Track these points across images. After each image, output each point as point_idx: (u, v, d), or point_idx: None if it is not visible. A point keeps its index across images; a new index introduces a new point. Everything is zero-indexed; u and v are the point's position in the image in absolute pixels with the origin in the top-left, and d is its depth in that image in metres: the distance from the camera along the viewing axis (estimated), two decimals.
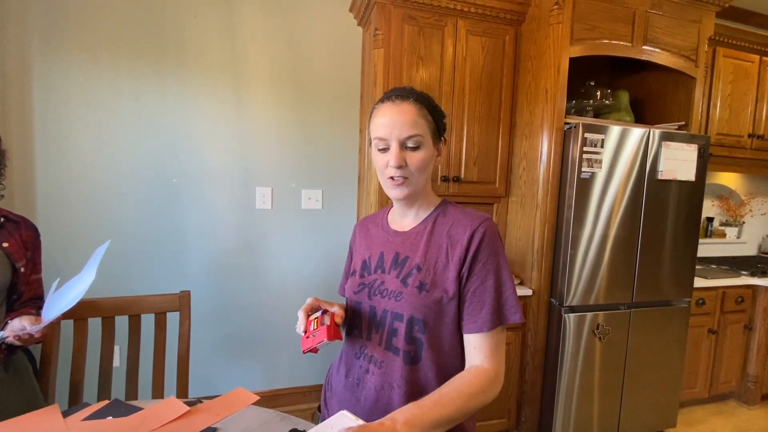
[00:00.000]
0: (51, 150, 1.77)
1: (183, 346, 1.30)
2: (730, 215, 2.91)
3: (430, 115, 0.80)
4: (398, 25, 1.78)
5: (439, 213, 0.86)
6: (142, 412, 0.88)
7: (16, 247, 1.10)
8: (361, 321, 0.85)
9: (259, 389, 2.13)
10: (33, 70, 1.72)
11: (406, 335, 0.78)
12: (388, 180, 0.80)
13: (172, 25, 1.87)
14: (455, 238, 0.80)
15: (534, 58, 1.87)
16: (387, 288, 0.82)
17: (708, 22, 1.94)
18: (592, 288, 1.80)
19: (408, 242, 0.85)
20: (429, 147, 0.80)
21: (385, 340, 0.81)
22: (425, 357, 0.78)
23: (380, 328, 0.82)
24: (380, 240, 0.90)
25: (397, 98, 0.79)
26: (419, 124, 0.78)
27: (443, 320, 0.78)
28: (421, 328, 0.78)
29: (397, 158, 0.77)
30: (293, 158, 2.09)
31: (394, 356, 0.79)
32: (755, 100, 2.42)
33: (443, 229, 0.82)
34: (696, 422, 2.22)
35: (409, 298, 0.78)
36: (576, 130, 1.72)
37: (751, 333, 2.35)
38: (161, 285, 1.93)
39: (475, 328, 0.76)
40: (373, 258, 0.88)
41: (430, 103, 0.82)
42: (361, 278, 0.88)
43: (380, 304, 0.83)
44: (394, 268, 0.83)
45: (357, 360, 0.85)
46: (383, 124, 0.78)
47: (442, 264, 0.79)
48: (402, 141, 0.77)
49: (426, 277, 0.79)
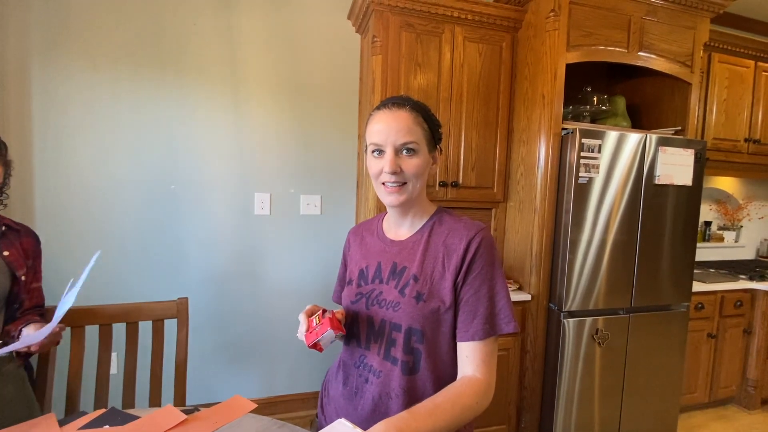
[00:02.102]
0: (50, 157, 1.77)
1: (181, 354, 1.30)
2: (728, 219, 2.92)
3: (426, 123, 0.81)
4: (396, 32, 1.79)
5: (435, 222, 0.86)
6: (139, 421, 0.87)
7: (17, 255, 1.10)
8: (360, 330, 0.85)
9: (258, 396, 2.12)
10: (32, 77, 1.73)
11: (404, 345, 0.78)
12: (381, 186, 0.81)
13: (171, 33, 1.88)
14: (451, 248, 0.80)
15: (531, 64, 1.88)
16: (385, 298, 0.83)
17: (703, 28, 1.96)
18: (591, 293, 1.80)
19: (405, 252, 0.85)
20: (424, 154, 0.80)
21: (383, 350, 0.81)
22: (423, 367, 0.78)
23: (379, 338, 0.82)
24: (377, 249, 0.90)
25: (394, 105, 0.80)
26: (415, 132, 0.78)
27: (440, 330, 0.78)
28: (419, 338, 0.78)
29: (392, 164, 0.77)
30: (292, 164, 2.10)
31: (392, 366, 0.79)
32: (751, 105, 2.44)
33: (439, 239, 0.82)
34: (696, 427, 2.21)
35: (407, 309, 0.78)
36: (573, 135, 1.73)
37: (750, 337, 2.35)
38: (159, 292, 1.93)
39: (467, 336, 0.76)
40: (371, 268, 0.88)
41: (426, 112, 0.82)
42: (358, 288, 0.88)
43: (378, 314, 0.83)
44: (392, 278, 0.83)
45: (356, 369, 0.85)
46: (379, 131, 0.78)
47: (439, 274, 0.79)
48: (397, 147, 0.78)
49: (423, 288, 0.79)
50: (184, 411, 0.91)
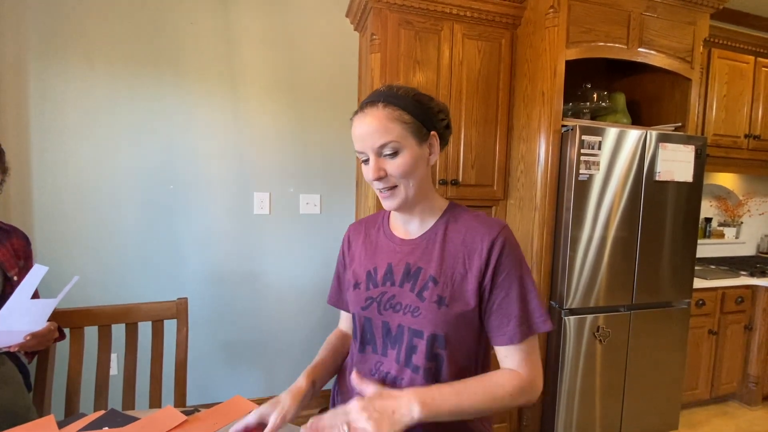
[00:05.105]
0: (47, 157, 1.76)
1: (181, 354, 1.29)
2: (729, 215, 2.91)
3: (408, 113, 0.73)
4: (395, 30, 1.78)
5: (449, 219, 0.80)
6: (139, 423, 0.87)
7: (8, 256, 1.10)
8: (375, 337, 0.80)
9: (258, 396, 2.11)
10: (29, 76, 1.72)
11: (427, 352, 0.74)
12: (378, 192, 0.78)
13: (168, 32, 1.87)
14: (472, 247, 0.75)
15: (530, 61, 1.87)
16: (400, 302, 0.77)
17: (702, 23, 1.95)
18: (592, 290, 1.80)
19: (418, 251, 0.79)
20: (411, 149, 0.73)
21: (404, 358, 0.77)
22: (445, 372, 0.75)
23: (396, 344, 0.78)
24: (385, 249, 0.84)
25: (366, 106, 0.74)
26: (391, 129, 0.71)
27: (464, 333, 0.75)
28: (442, 344, 0.74)
29: (373, 170, 0.73)
30: (291, 163, 2.09)
31: (413, 374, 0.75)
32: (751, 101, 2.43)
33: (457, 238, 0.77)
34: (698, 424, 2.21)
35: (428, 315, 0.74)
36: (573, 132, 1.73)
37: (751, 333, 2.35)
38: (158, 292, 1.92)
39: (505, 340, 0.73)
40: (380, 269, 0.82)
41: (406, 100, 0.73)
42: (367, 291, 0.82)
43: (394, 319, 0.78)
44: (407, 280, 0.78)
45: (372, 376, 0.80)
46: (357, 137, 0.74)
47: (460, 275, 0.75)
48: (376, 151, 0.73)
49: (444, 291, 0.74)
50: (184, 412, 0.90)
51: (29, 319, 0.99)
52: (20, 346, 1.00)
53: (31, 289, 0.96)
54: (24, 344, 1.00)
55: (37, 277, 0.96)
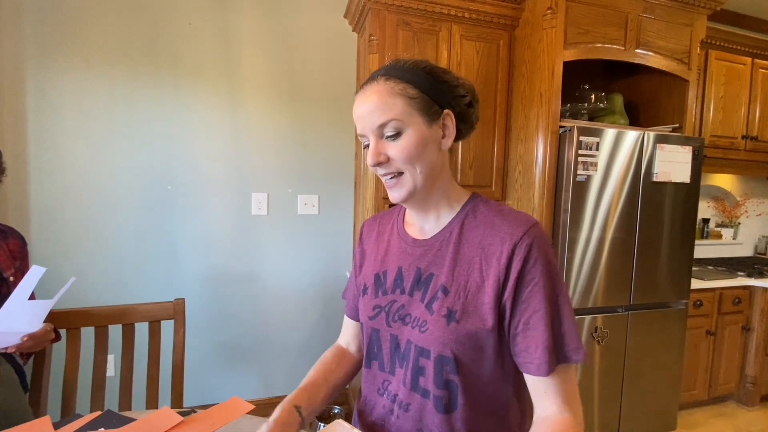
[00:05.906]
0: (45, 158, 1.75)
1: (178, 355, 1.29)
2: (726, 216, 2.92)
3: (414, 87, 0.61)
4: (393, 31, 1.78)
5: (467, 214, 0.67)
6: (135, 423, 0.86)
7: (4, 256, 1.10)
8: (382, 351, 0.70)
9: (256, 397, 2.11)
10: (27, 78, 1.71)
11: (435, 377, 0.63)
12: (384, 182, 0.67)
13: (166, 32, 1.87)
14: (490, 251, 0.62)
15: (528, 62, 1.87)
16: (410, 313, 0.66)
17: (700, 25, 1.96)
18: (590, 291, 1.80)
19: (430, 254, 0.67)
20: (417, 129, 0.61)
21: (410, 379, 0.66)
22: (462, 404, 0.62)
23: (404, 362, 0.67)
24: (396, 250, 0.73)
25: (367, 83, 0.64)
26: (393, 105, 0.60)
27: (481, 356, 0.62)
28: (453, 368, 0.62)
29: (372, 154, 0.62)
30: (289, 164, 2.09)
31: (423, 399, 0.65)
32: (748, 102, 2.44)
33: (474, 237, 0.64)
34: (696, 424, 2.21)
35: (435, 331, 0.62)
36: (571, 133, 1.73)
37: (748, 334, 2.35)
38: (156, 293, 1.92)
39: (533, 369, 0.60)
40: (389, 273, 0.71)
41: (414, 72, 0.62)
42: (375, 298, 0.72)
43: (403, 333, 0.67)
44: (417, 288, 0.67)
45: (380, 397, 0.71)
46: (357, 118, 0.64)
47: (475, 285, 0.62)
48: (376, 132, 0.62)
49: (455, 303, 0.62)
50: (181, 413, 0.90)
51: (26, 320, 0.99)
52: (17, 347, 1.00)
53: (29, 290, 0.96)
54: (21, 345, 1.00)
55: (35, 278, 0.96)
